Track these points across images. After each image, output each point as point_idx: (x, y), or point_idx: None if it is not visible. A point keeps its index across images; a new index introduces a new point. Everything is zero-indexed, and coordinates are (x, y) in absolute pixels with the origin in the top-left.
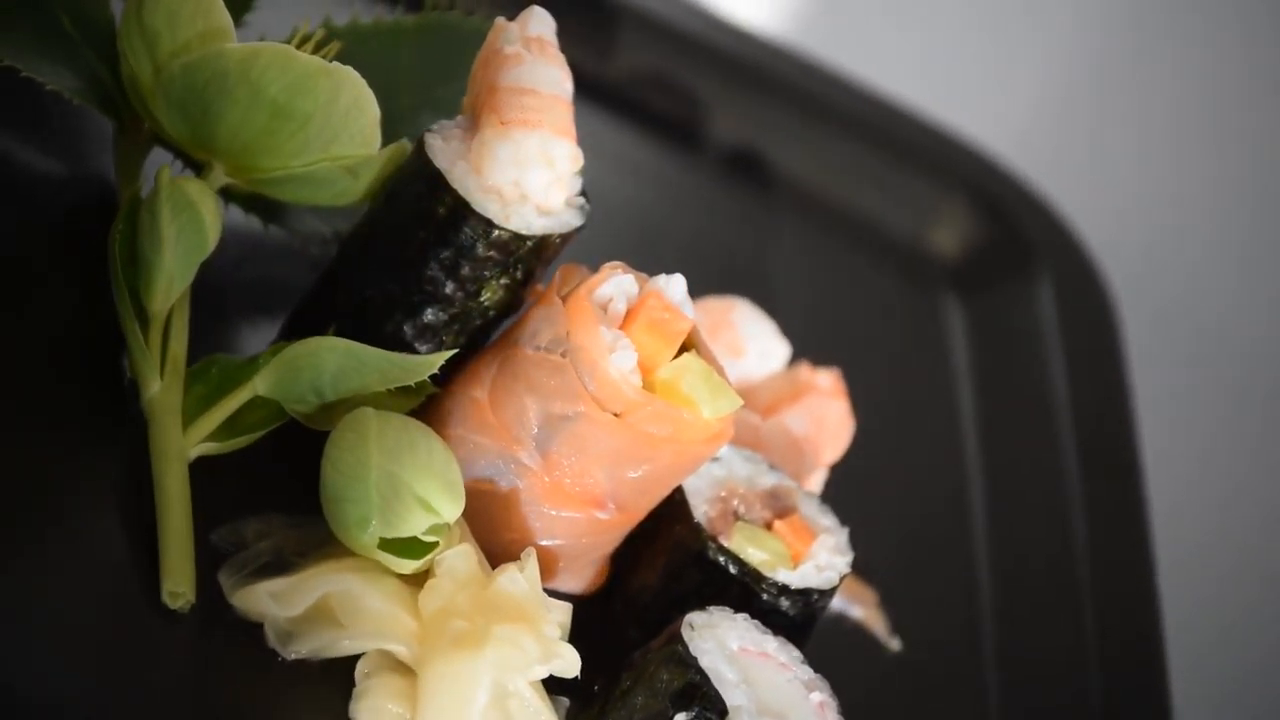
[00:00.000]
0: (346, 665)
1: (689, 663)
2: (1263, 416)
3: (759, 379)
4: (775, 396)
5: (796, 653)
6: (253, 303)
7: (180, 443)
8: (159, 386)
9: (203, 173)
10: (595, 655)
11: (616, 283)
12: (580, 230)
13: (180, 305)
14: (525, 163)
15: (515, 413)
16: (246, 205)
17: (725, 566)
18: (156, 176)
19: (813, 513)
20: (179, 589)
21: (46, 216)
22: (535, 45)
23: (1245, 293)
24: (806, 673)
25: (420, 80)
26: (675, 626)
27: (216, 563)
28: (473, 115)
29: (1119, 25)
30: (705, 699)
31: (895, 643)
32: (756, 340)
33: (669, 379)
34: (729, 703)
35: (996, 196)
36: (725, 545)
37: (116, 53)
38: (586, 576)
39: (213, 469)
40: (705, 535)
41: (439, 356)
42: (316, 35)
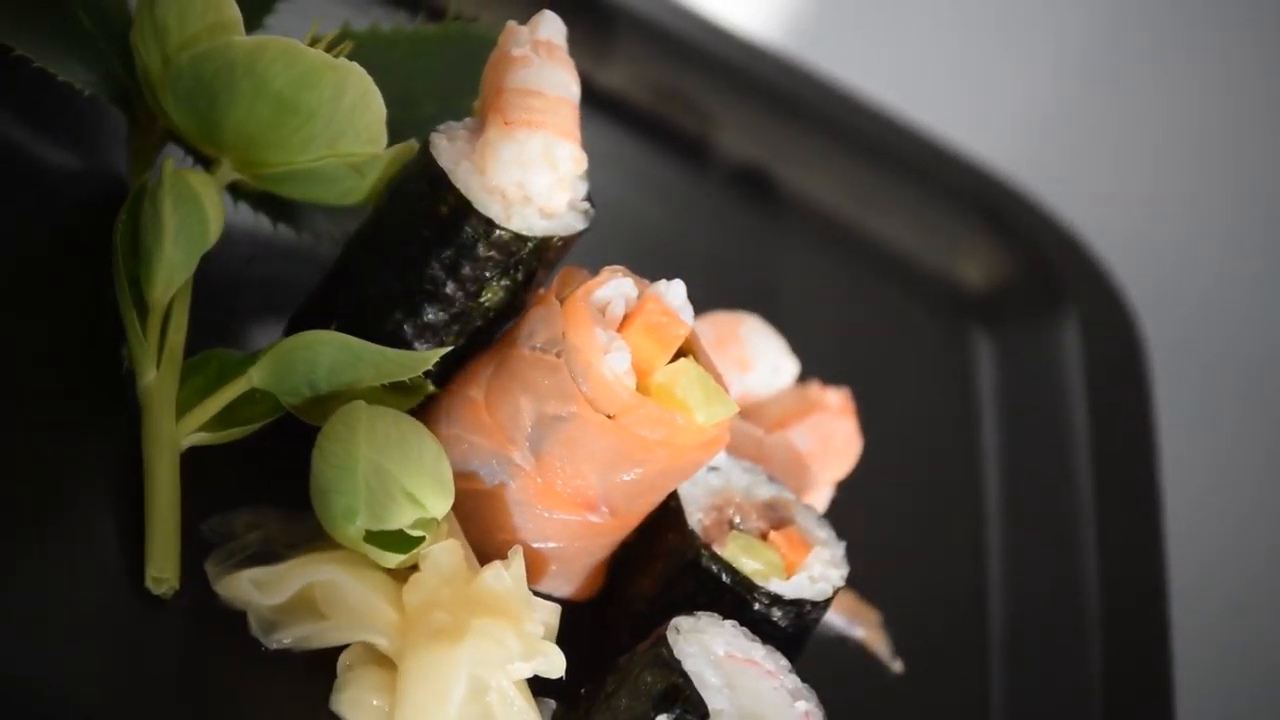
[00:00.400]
0: (329, 657)
1: (672, 665)
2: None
3: (767, 395)
4: (783, 412)
5: (784, 661)
6: (260, 301)
7: (173, 431)
8: (154, 375)
9: (211, 168)
10: (590, 661)
11: (616, 286)
12: (583, 234)
13: (181, 297)
14: (528, 163)
15: (510, 413)
16: (255, 203)
17: (718, 575)
18: (161, 168)
19: (810, 525)
20: (163, 574)
21: (60, 209)
22: (544, 49)
23: (1260, 304)
24: (793, 682)
25: (442, 89)
26: (661, 630)
27: (206, 553)
28: (481, 117)
29: (1124, 30)
30: (687, 701)
31: (898, 665)
32: (765, 356)
33: (664, 383)
34: (711, 706)
35: (1024, 228)
36: (718, 553)
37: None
38: (581, 581)
39: (208, 461)
40: (699, 543)
41: (434, 354)
42: (328, 36)
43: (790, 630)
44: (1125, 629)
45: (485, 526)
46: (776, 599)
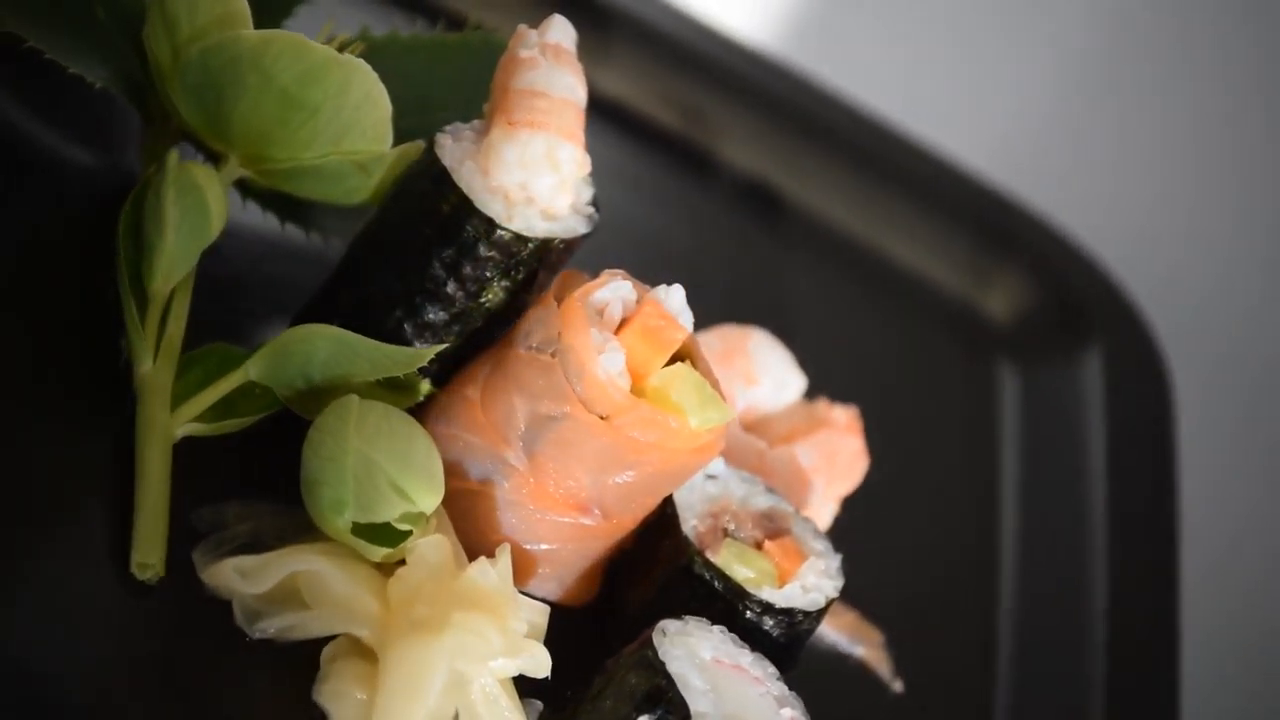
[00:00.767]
0: (313, 649)
1: (656, 667)
2: None
3: (775, 409)
4: (790, 428)
5: (772, 669)
6: (267, 300)
7: (166, 420)
8: (151, 365)
9: (218, 164)
10: (585, 666)
11: (614, 288)
12: (586, 238)
13: (182, 290)
14: (531, 164)
15: (504, 412)
16: (264, 202)
17: (710, 581)
18: (165, 160)
19: (807, 537)
20: (148, 560)
21: (73, 203)
22: (551, 51)
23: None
24: (780, 689)
25: (459, 97)
26: (648, 633)
27: (196, 543)
28: (488, 118)
29: (1124, 35)
30: (669, 703)
31: (898, 685)
32: (772, 370)
33: (659, 386)
34: (693, 708)
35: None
36: (711, 560)
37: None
38: (575, 585)
39: (203, 452)
40: (692, 549)
41: (429, 350)
42: (342, 37)
43: (781, 640)
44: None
45: (478, 526)
46: (768, 607)
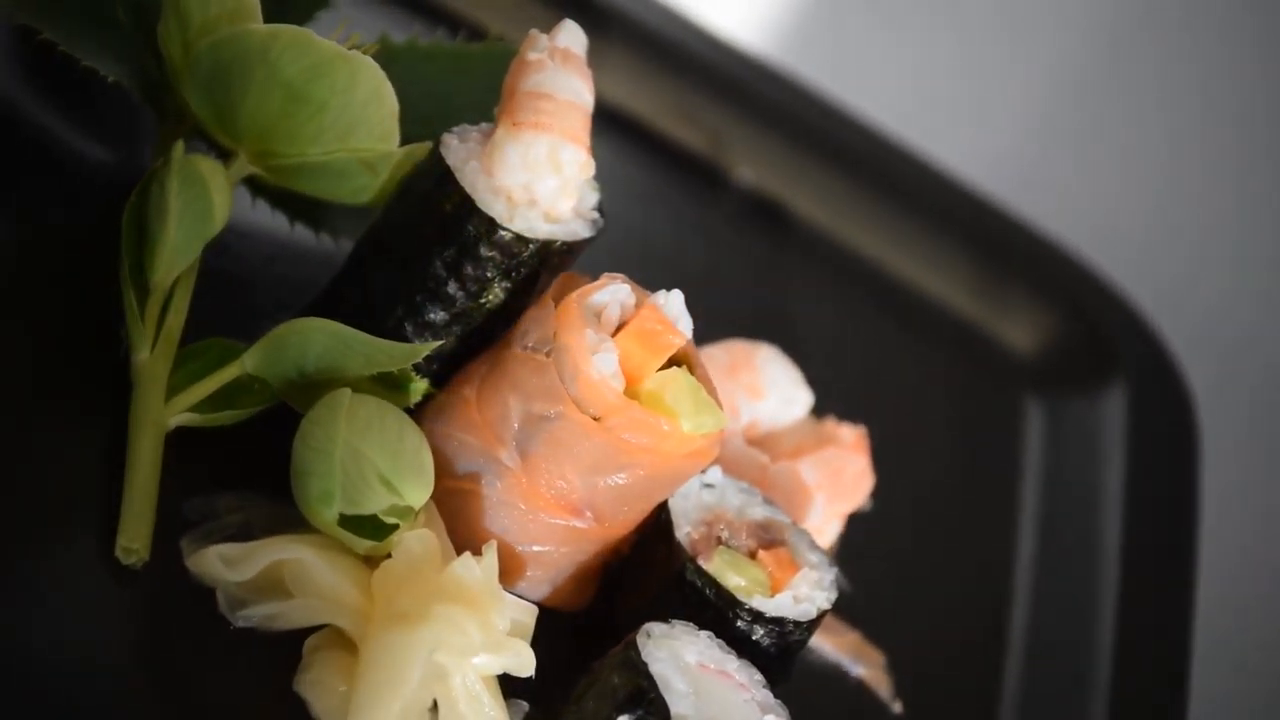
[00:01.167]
0: (296, 639)
1: (639, 668)
2: None
3: (781, 425)
4: (796, 444)
5: (758, 676)
6: (276, 300)
7: (160, 410)
8: (148, 355)
9: (228, 160)
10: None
11: (613, 291)
12: (589, 242)
13: (184, 282)
14: (534, 165)
15: (499, 412)
16: (274, 200)
17: (701, 589)
18: (170, 152)
19: (802, 548)
20: (133, 545)
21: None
22: (560, 55)
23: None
24: (765, 696)
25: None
26: (632, 634)
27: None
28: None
29: (1123, 42)
30: (650, 704)
31: (897, 706)
32: (778, 385)
33: (654, 389)
34: (674, 710)
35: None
36: (703, 567)
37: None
38: (569, 589)
39: (199, 444)
40: (684, 555)
41: (424, 347)
42: (355, 36)
43: (773, 650)
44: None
45: (470, 526)
46: (758, 616)
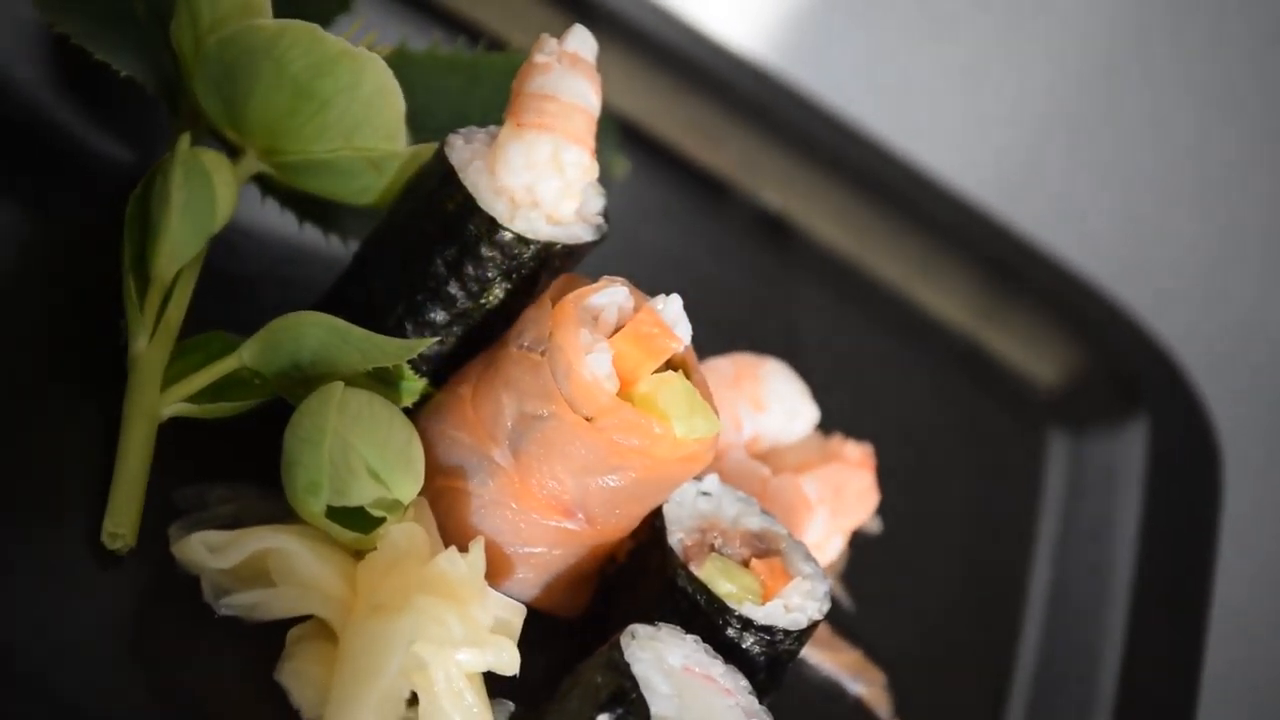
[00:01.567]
0: (280, 630)
1: (621, 669)
2: None
3: (787, 440)
4: (802, 460)
5: (744, 682)
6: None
7: (154, 399)
8: (145, 344)
9: (236, 158)
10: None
11: (611, 294)
12: (593, 247)
13: (187, 276)
14: (537, 166)
15: (492, 410)
16: (283, 200)
17: (692, 595)
18: (176, 144)
19: (796, 559)
20: (119, 530)
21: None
22: (567, 59)
23: None
24: (750, 702)
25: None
26: (617, 635)
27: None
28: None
29: (1119, 51)
30: (631, 704)
31: None
32: (783, 398)
33: (648, 392)
34: (655, 711)
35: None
36: (694, 573)
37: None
38: (563, 594)
39: (195, 435)
40: (676, 561)
41: (419, 343)
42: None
43: (762, 659)
44: None
45: (462, 525)
46: (747, 623)
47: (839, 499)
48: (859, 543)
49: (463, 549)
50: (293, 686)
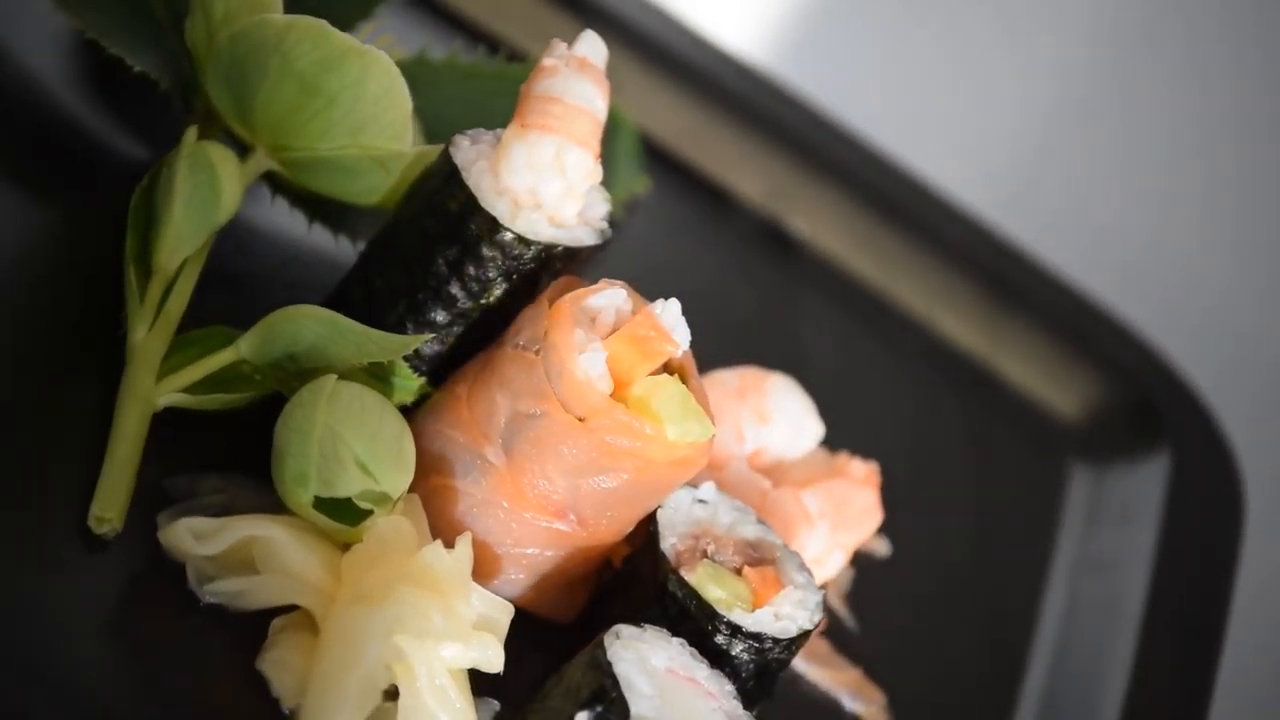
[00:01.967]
0: (263, 620)
1: (603, 667)
2: None
3: (791, 455)
4: (806, 475)
5: (729, 687)
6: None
7: (150, 387)
8: (144, 334)
9: (246, 155)
10: None
11: (609, 296)
12: (595, 251)
13: (190, 268)
14: (539, 167)
15: (487, 409)
16: (294, 200)
17: (682, 600)
18: (183, 137)
19: (790, 568)
20: (106, 514)
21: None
22: (575, 62)
23: None
24: (734, 707)
25: None
26: (601, 634)
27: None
28: None
29: (1119, 56)
30: (610, 703)
31: None
32: (788, 413)
33: (642, 394)
34: (635, 711)
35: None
36: (685, 578)
37: None
38: (556, 597)
39: (192, 427)
40: (667, 565)
41: (414, 339)
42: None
43: (752, 666)
44: None
45: (455, 524)
46: (736, 630)
47: (840, 514)
48: (865, 563)
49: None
50: (273, 675)
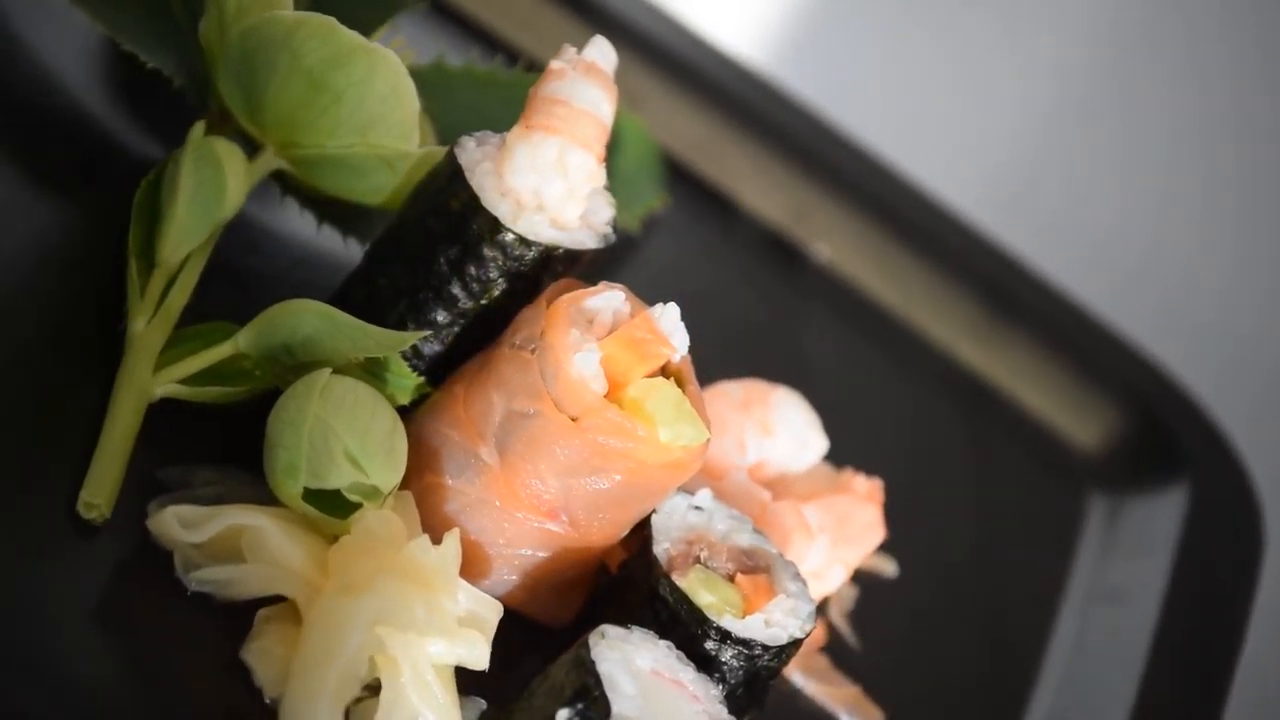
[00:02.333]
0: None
1: (587, 666)
2: None
3: (796, 470)
4: (809, 489)
5: (715, 691)
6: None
7: (146, 377)
8: (143, 325)
9: (257, 153)
10: None
11: (607, 298)
12: (596, 254)
13: (193, 263)
14: (542, 168)
15: (482, 408)
16: (304, 201)
17: (673, 604)
18: (190, 132)
19: (784, 578)
20: (95, 500)
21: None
22: (583, 66)
23: None
24: (719, 711)
25: None
26: (586, 634)
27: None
28: None
29: (1118, 61)
30: (592, 701)
31: None
32: (791, 427)
33: (636, 396)
34: (616, 710)
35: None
36: (676, 582)
37: None
38: (549, 601)
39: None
40: (659, 570)
41: (411, 335)
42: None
43: (741, 674)
44: None
45: (449, 523)
46: (726, 635)
47: (841, 529)
48: (870, 583)
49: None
50: (257, 665)
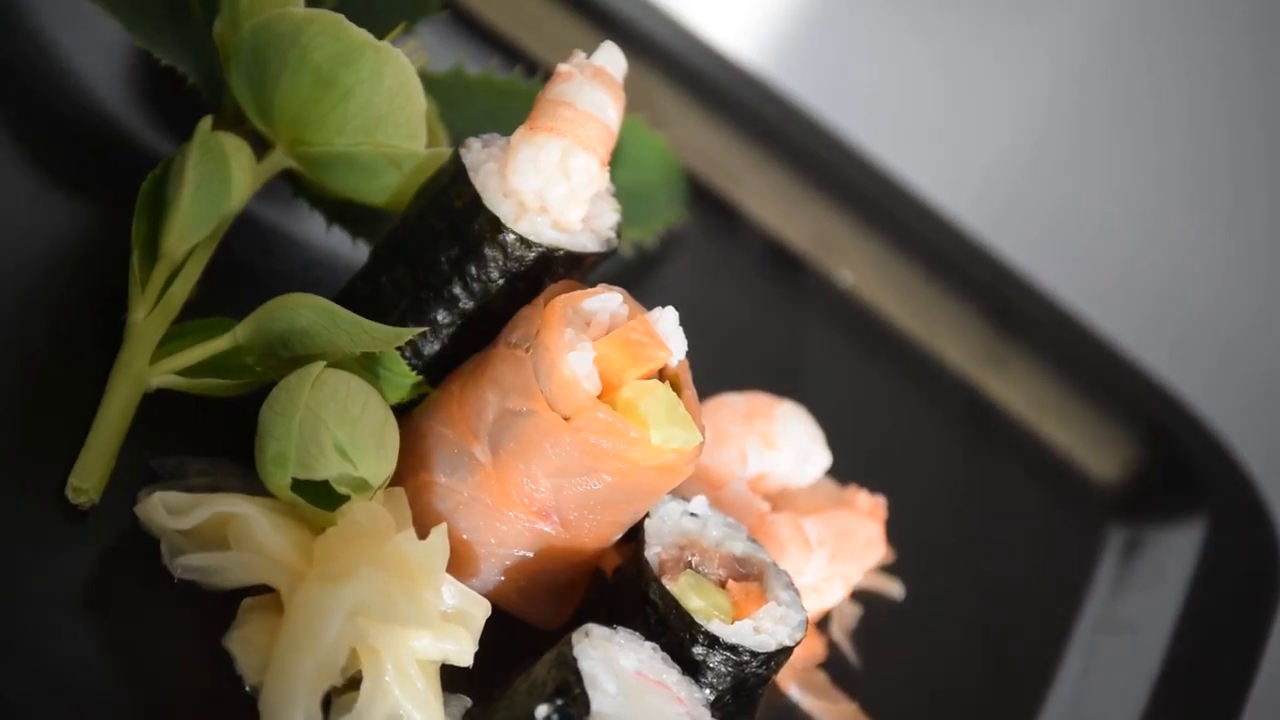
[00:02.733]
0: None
1: (569, 663)
2: None
3: (799, 484)
4: (812, 504)
5: (699, 694)
6: None
7: (142, 367)
8: (143, 315)
9: (267, 152)
10: None
11: (605, 300)
12: (599, 258)
13: (198, 256)
14: (545, 170)
15: (477, 406)
16: (313, 202)
17: (662, 609)
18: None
19: (776, 586)
20: (84, 485)
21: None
22: (590, 70)
23: None
24: (703, 714)
25: None
26: (571, 633)
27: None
28: None
29: (1117, 64)
30: (572, 699)
31: None
32: (794, 440)
33: (630, 398)
34: (596, 708)
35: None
36: (666, 586)
37: None
38: (542, 602)
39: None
40: (649, 574)
41: (407, 331)
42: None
43: (730, 680)
44: None
45: (440, 520)
46: (714, 640)
47: (842, 544)
48: (876, 603)
49: None
50: (238, 653)
